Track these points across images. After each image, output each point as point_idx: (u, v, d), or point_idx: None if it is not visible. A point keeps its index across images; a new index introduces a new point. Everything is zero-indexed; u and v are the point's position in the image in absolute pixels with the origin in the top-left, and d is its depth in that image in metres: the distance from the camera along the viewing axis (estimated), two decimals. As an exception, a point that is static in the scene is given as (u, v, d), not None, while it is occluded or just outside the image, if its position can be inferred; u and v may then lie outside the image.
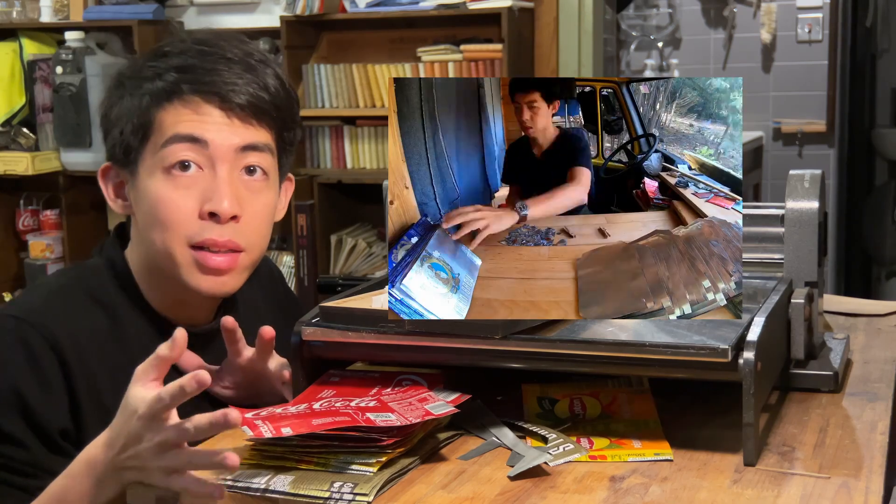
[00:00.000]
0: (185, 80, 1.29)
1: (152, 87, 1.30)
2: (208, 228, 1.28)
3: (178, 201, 1.28)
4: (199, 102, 1.29)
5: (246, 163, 1.30)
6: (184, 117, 1.28)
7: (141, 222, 1.32)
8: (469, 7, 3.24)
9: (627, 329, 1.19)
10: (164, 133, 1.29)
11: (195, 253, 1.28)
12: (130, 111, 1.31)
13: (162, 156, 1.28)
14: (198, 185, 1.28)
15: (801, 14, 5.18)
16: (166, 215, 1.28)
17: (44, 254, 3.93)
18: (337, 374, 1.20)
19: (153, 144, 1.29)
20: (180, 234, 1.28)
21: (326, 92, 3.52)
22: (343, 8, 3.47)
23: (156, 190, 1.28)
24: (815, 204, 1.24)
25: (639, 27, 5.53)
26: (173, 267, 1.29)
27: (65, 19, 3.84)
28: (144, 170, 1.30)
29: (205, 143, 1.28)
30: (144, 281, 1.36)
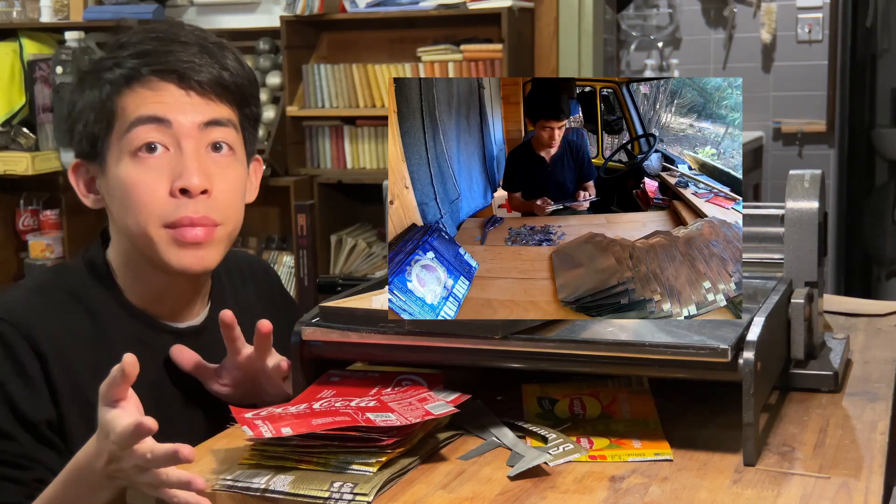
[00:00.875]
0: (143, 64, 1.30)
1: (112, 76, 1.31)
2: (182, 206, 1.28)
3: (148, 183, 1.28)
4: (158, 82, 1.30)
5: (211, 139, 1.31)
6: (146, 99, 1.29)
7: (115, 211, 1.32)
8: (469, 7, 3.24)
9: (627, 329, 1.19)
10: (126, 118, 1.29)
11: (171, 230, 1.29)
12: (92, 103, 1.32)
13: (127, 140, 1.29)
14: (165, 164, 1.29)
15: (801, 14, 5.18)
16: (138, 198, 1.28)
17: (44, 254, 3.93)
18: (337, 374, 1.20)
19: (118, 131, 1.30)
20: (154, 215, 1.28)
21: (326, 92, 3.52)
22: (343, 8, 3.47)
23: (125, 175, 1.29)
24: (815, 204, 1.24)
25: (639, 27, 5.53)
26: (152, 248, 1.30)
27: (65, 19, 3.84)
28: (112, 158, 1.31)
29: (168, 122, 1.29)
30: (125, 278, 1.36)
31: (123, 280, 1.36)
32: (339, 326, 1.16)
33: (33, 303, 1.29)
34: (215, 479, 1.02)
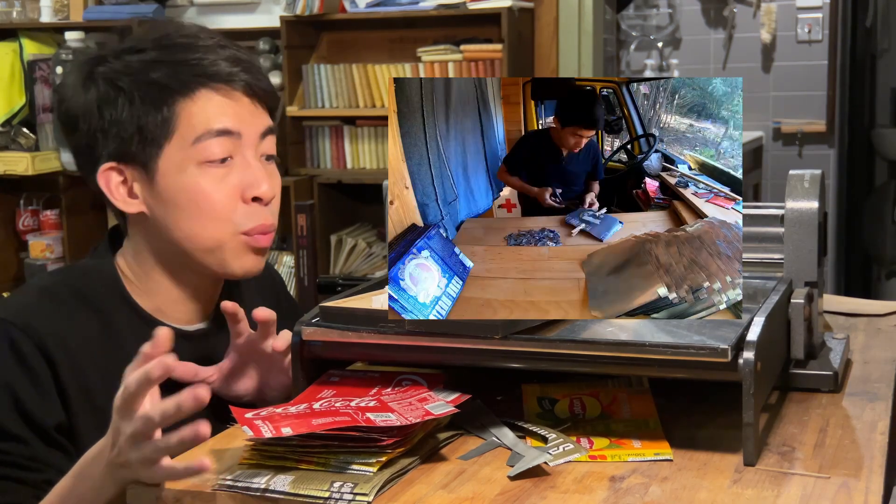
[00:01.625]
0: (200, 71, 1.30)
1: (164, 79, 1.29)
2: (255, 214, 1.33)
3: (219, 192, 1.30)
4: (228, 90, 1.31)
5: (264, 149, 1.35)
6: (218, 109, 1.30)
7: (169, 217, 1.31)
8: (469, 7, 3.24)
9: (627, 329, 1.19)
10: (194, 127, 1.29)
11: (247, 238, 1.33)
12: (143, 107, 1.29)
13: (196, 151, 1.29)
14: (233, 173, 1.31)
15: (801, 14, 5.18)
16: (211, 206, 1.30)
17: (44, 254, 3.93)
18: (337, 374, 1.20)
19: (180, 139, 1.29)
20: (231, 223, 1.31)
21: (326, 92, 3.52)
22: (343, 8, 3.47)
23: (194, 184, 1.30)
24: (815, 204, 1.24)
25: (639, 27, 5.53)
26: (220, 255, 1.32)
27: (65, 19, 3.84)
28: (171, 165, 1.30)
29: (238, 134, 1.31)
30: (140, 282, 1.36)
31: (135, 282, 1.36)
32: (339, 326, 1.16)
33: (42, 306, 1.29)
34: (215, 479, 1.02)
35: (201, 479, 1.03)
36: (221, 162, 1.30)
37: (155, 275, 1.36)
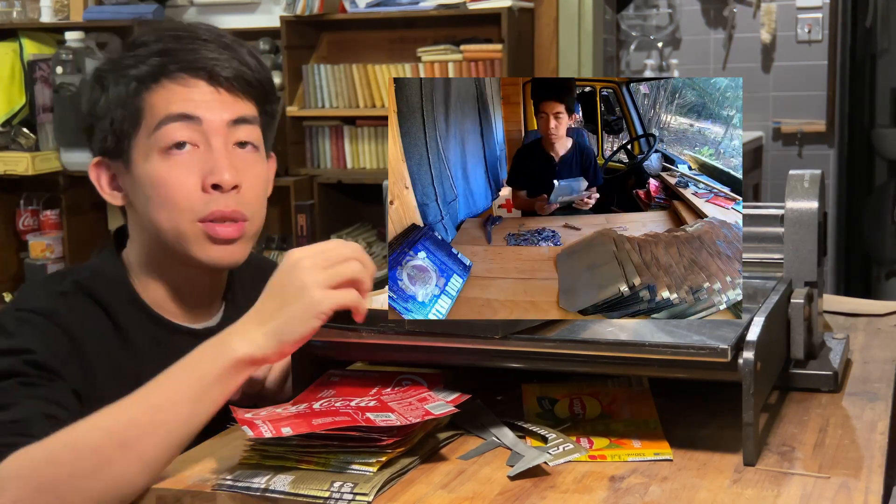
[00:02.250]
0: (170, 61, 1.32)
1: (137, 73, 1.32)
2: (213, 201, 1.30)
3: (179, 179, 1.30)
4: (188, 79, 1.31)
5: (237, 137, 1.34)
6: (175, 96, 1.31)
7: (141, 208, 1.33)
8: (469, 7, 3.24)
9: (627, 329, 1.19)
10: (155, 115, 1.31)
11: (204, 225, 1.31)
12: (117, 100, 1.32)
13: (157, 138, 1.30)
14: (195, 161, 1.31)
15: (801, 14, 5.18)
16: (170, 194, 1.30)
17: (44, 254, 3.93)
18: (337, 374, 1.20)
19: (146, 129, 1.31)
20: (187, 211, 1.30)
21: (326, 92, 3.52)
22: (343, 8, 3.47)
23: (155, 172, 1.31)
24: (815, 204, 1.24)
25: (639, 27, 5.53)
26: (183, 244, 1.31)
27: (65, 19, 3.84)
28: (139, 155, 1.32)
29: (198, 119, 1.31)
30: (143, 277, 1.37)
31: (140, 280, 1.38)
32: (339, 326, 1.16)
33: (58, 304, 1.30)
34: (215, 479, 1.02)
35: (201, 479, 1.03)
36: (180, 148, 1.30)
37: (148, 268, 1.37)
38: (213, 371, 1.06)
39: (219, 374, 1.06)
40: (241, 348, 1.06)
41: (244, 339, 1.07)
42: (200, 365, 1.07)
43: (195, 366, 1.07)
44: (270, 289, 1.09)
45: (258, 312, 1.08)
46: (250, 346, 1.06)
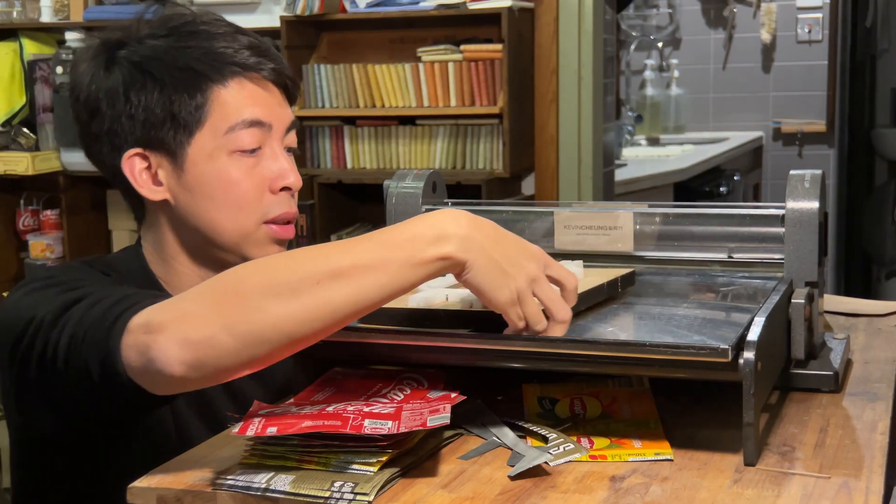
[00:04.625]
0: (232, 59, 1.31)
1: (198, 66, 1.30)
2: (280, 203, 1.34)
3: (249, 181, 1.32)
4: (260, 80, 1.33)
5: (288, 142, 1.37)
6: (249, 97, 1.31)
7: (197, 205, 1.32)
8: (469, 7, 3.24)
9: (628, 329, 1.19)
10: (228, 115, 1.30)
11: (271, 228, 1.34)
12: (175, 93, 1.29)
13: (229, 140, 1.31)
14: (261, 163, 1.33)
15: (801, 14, 5.18)
16: (240, 196, 1.31)
17: (44, 254, 3.93)
18: (339, 373, 1.20)
19: (212, 127, 1.30)
20: (255, 212, 1.32)
21: (326, 92, 3.52)
22: (343, 8, 3.47)
23: (224, 172, 1.31)
24: (816, 204, 1.24)
25: (639, 27, 5.53)
26: (243, 244, 1.33)
27: (65, 19, 3.83)
28: (202, 153, 1.31)
29: (269, 126, 1.33)
30: (160, 272, 1.38)
31: (162, 275, 1.38)
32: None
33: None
34: (215, 478, 1.02)
35: (201, 479, 1.03)
36: (252, 152, 1.32)
37: (176, 264, 1.37)
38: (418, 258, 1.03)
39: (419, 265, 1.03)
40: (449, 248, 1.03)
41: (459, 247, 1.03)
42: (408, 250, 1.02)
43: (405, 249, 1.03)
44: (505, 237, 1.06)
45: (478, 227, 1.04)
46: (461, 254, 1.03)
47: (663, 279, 1.40)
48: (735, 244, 1.36)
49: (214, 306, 1.01)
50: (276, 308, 1.00)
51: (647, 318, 1.24)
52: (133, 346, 1.05)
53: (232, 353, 1.01)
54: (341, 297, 1.01)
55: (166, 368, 1.02)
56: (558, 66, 3.34)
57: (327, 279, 1.01)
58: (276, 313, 1.00)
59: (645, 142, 5.22)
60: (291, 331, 1.01)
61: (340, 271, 1.01)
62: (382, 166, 3.50)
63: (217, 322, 1.00)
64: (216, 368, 1.02)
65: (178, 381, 1.03)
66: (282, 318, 1.00)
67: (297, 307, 1.00)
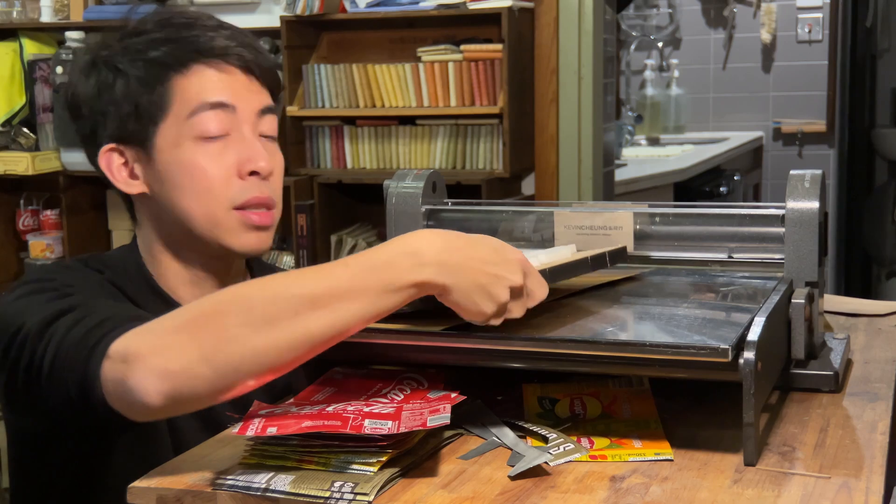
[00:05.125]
0: (198, 46, 1.31)
1: (160, 56, 1.30)
2: (249, 188, 1.31)
3: (215, 167, 1.30)
4: (222, 65, 1.31)
5: (263, 127, 1.35)
6: (210, 82, 1.30)
7: (166, 196, 1.32)
8: (469, 7, 3.24)
9: (628, 329, 1.19)
10: (187, 101, 1.30)
11: (240, 213, 1.32)
12: (139, 85, 1.30)
13: (191, 125, 1.30)
14: (229, 148, 1.31)
15: (801, 14, 5.18)
16: (207, 182, 1.30)
17: (44, 254, 3.93)
18: (339, 373, 1.20)
19: (175, 115, 1.30)
20: (224, 198, 1.31)
21: (326, 92, 3.52)
22: (343, 8, 3.47)
23: (189, 159, 1.30)
24: (816, 204, 1.24)
25: (639, 27, 5.53)
26: (216, 232, 1.32)
27: (65, 19, 3.83)
28: (166, 142, 1.31)
29: (233, 108, 1.31)
30: (156, 269, 1.37)
31: (154, 269, 1.37)
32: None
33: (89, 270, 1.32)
34: (215, 478, 1.02)
35: (201, 479, 1.03)
36: (217, 137, 1.30)
37: (164, 257, 1.37)
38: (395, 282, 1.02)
39: (398, 289, 1.02)
40: (426, 274, 1.02)
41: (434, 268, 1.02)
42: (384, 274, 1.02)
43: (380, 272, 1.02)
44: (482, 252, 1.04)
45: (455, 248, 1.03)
46: (434, 275, 1.02)
47: (663, 279, 1.40)
48: (735, 244, 1.36)
49: (192, 336, 1.01)
50: (254, 339, 1.00)
51: (647, 318, 1.24)
52: (111, 374, 1.05)
53: (209, 384, 1.01)
54: (319, 326, 1.01)
55: (144, 399, 1.03)
56: (558, 66, 3.34)
57: (305, 309, 1.00)
58: (254, 344, 1.00)
59: (645, 142, 5.22)
60: (270, 361, 1.02)
61: (317, 300, 1.01)
62: (382, 166, 3.50)
63: (194, 353, 1.01)
64: (193, 398, 1.03)
65: (155, 410, 1.04)
66: (260, 349, 1.01)
67: (275, 338, 1.00)
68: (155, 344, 1.03)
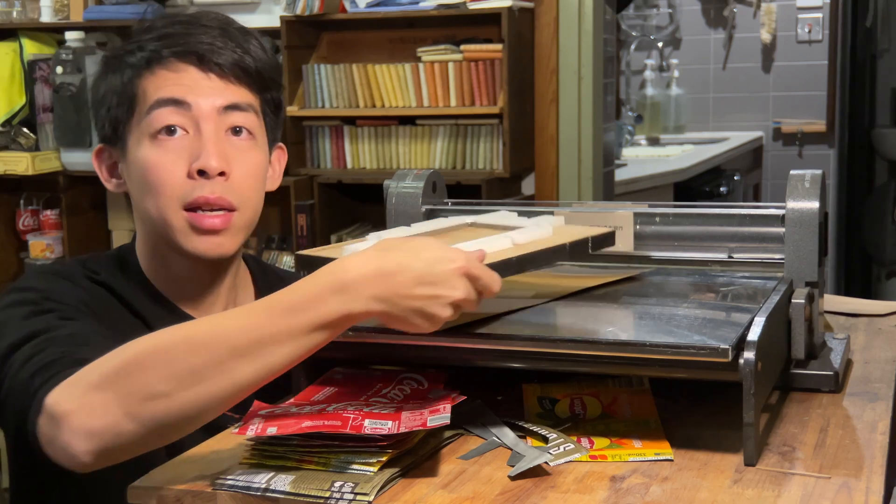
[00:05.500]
0: (163, 46, 1.31)
1: (133, 60, 1.32)
2: (199, 187, 1.28)
3: (167, 165, 1.28)
4: (177, 64, 1.30)
5: (230, 123, 1.31)
6: (165, 81, 1.30)
7: (135, 194, 1.34)
8: (469, 7, 3.24)
9: (627, 329, 1.19)
10: (147, 101, 1.30)
11: (189, 215, 1.29)
12: (115, 87, 1.33)
13: (147, 123, 1.30)
14: (185, 147, 1.29)
15: (801, 14, 5.18)
16: (157, 180, 1.29)
17: (44, 254, 3.93)
18: (340, 373, 1.20)
19: (138, 114, 1.31)
20: (172, 197, 1.28)
21: (326, 92, 3.52)
22: (343, 8, 3.47)
23: (144, 157, 1.30)
24: (816, 204, 1.24)
25: (639, 27, 5.53)
26: (169, 232, 1.30)
27: (65, 19, 3.83)
28: (133, 141, 1.32)
29: (187, 104, 1.29)
30: (150, 265, 1.37)
31: (149, 269, 1.37)
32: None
33: (77, 282, 1.32)
34: (215, 478, 1.02)
35: (201, 479, 1.03)
36: (170, 134, 1.29)
37: (156, 256, 1.37)
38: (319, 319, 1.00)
39: (326, 323, 1.00)
40: (357, 306, 0.99)
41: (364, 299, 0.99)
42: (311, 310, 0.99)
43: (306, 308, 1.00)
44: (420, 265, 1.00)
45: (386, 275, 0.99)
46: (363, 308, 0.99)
47: (663, 279, 1.40)
48: (735, 244, 1.36)
49: (115, 394, 1.00)
50: (178, 394, 0.99)
51: (647, 317, 1.24)
52: (44, 430, 1.06)
53: (138, 438, 1.02)
54: (245, 375, 1.00)
55: (74, 458, 1.03)
56: (558, 66, 3.34)
57: (230, 360, 0.99)
58: (181, 400, 1.00)
59: (645, 142, 5.22)
60: (197, 413, 1.01)
61: (242, 350, 0.99)
62: (382, 166, 3.50)
63: (118, 411, 1.00)
64: (124, 452, 1.04)
65: (88, 465, 1.04)
66: (185, 404, 1.00)
67: (201, 391, 0.99)
68: (80, 402, 1.02)
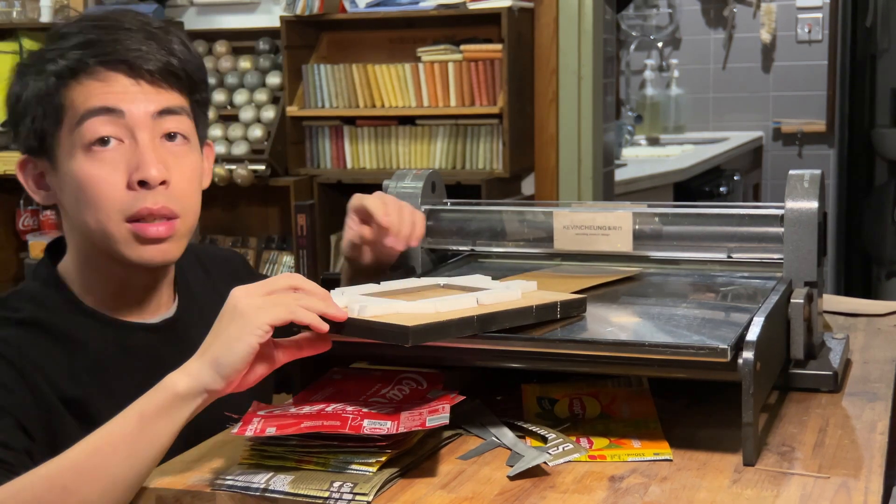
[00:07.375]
0: (89, 55, 1.26)
1: (56, 68, 1.27)
2: (140, 198, 1.25)
3: (104, 177, 1.25)
4: (106, 73, 1.26)
5: (165, 129, 1.28)
6: (95, 90, 1.26)
7: (69, 208, 1.29)
8: (469, 7, 3.24)
9: (627, 329, 1.19)
10: (76, 111, 1.26)
11: (132, 226, 1.26)
12: (38, 97, 1.28)
13: (79, 134, 1.25)
14: (121, 157, 1.25)
15: (801, 14, 5.18)
16: (95, 193, 1.25)
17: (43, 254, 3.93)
18: (339, 373, 1.20)
19: (68, 125, 1.26)
20: (113, 210, 1.25)
21: (326, 92, 3.52)
22: (343, 8, 3.47)
23: (79, 170, 1.26)
24: (815, 204, 1.24)
25: (639, 27, 5.53)
26: (112, 244, 1.26)
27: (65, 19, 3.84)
28: (63, 153, 1.27)
29: (120, 112, 1.25)
30: (84, 280, 1.32)
31: (81, 284, 1.32)
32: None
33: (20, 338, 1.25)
34: (215, 479, 1.02)
35: (201, 479, 1.03)
36: (104, 144, 1.25)
37: (88, 270, 1.32)
38: (151, 408, 1.05)
39: (158, 411, 1.05)
40: (181, 382, 1.05)
41: (183, 373, 1.06)
42: (141, 403, 1.06)
43: (137, 405, 1.07)
44: (213, 326, 1.08)
45: (201, 348, 1.07)
46: (188, 378, 1.05)
47: (663, 279, 1.40)
48: (735, 244, 1.36)
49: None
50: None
51: (646, 317, 1.24)
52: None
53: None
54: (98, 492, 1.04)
55: None
56: (558, 66, 3.34)
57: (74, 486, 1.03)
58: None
59: (645, 142, 5.22)
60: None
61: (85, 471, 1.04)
62: (382, 166, 3.50)
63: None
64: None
65: None
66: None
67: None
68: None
